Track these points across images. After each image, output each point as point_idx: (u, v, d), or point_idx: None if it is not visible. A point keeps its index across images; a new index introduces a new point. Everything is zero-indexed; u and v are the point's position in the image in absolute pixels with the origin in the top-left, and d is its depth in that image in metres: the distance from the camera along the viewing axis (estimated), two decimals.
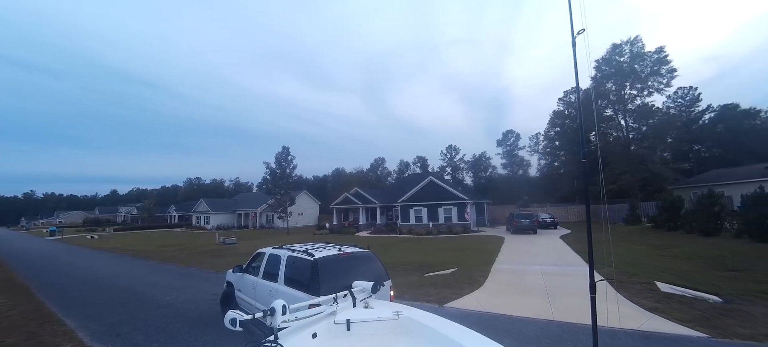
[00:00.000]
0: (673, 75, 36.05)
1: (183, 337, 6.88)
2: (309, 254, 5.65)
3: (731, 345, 5.85)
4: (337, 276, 4.95)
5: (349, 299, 2.96)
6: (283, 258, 6.17)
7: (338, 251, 5.90)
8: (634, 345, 5.93)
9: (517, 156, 69.97)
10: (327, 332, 2.51)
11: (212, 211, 55.42)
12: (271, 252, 6.72)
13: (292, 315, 2.38)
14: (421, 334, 2.52)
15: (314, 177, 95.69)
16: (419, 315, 2.75)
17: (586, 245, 15.50)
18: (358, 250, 6.31)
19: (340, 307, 2.76)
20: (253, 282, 6.82)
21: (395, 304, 3.12)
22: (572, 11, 4.17)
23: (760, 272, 10.95)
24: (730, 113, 50.48)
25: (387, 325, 2.66)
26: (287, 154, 42.42)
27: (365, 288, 3.22)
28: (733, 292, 8.91)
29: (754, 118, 50.97)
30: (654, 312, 7.51)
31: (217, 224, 53.65)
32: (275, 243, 23.46)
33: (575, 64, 4.36)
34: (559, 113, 51.77)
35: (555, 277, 11.08)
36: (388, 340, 2.56)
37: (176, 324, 7.71)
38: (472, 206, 33.85)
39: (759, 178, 25.41)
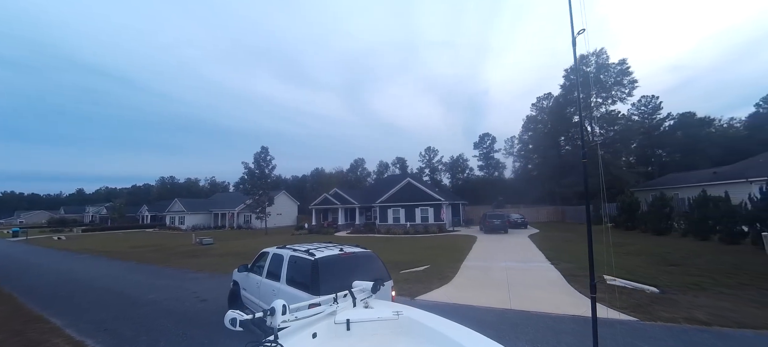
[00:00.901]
0: (634, 86, 38.68)
1: (171, 330, 7.27)
2: (310, 254, 5.70)
3: (653, 326, 6.86)
4: (338, 276, 4.95)
5: (349, 299, 2.96)
6: (285, 257, 6.23)
7: (340, 251, 5.95)
8: (575, 328, 6.83)
9: (493, 158, 72.26)
10: (327, 332, 2.51)
11: (187, 211, 54.31)
12: (275, 251, 6.78)
13: (292, 315, 2.39)
14: (421, 334, 2.51)
15: (293, 177, 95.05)
16: (419, 315, 2.75)
17: (549, 243, 17.07)
18: (359, 250, 6.34)
19: (340, 307, 2.77)
20: (258, 281, 6.90)
21: (395, 304, 3.14)
22: (572, 11, 4.17)
23: (695, 266, 12.31)
24: (687, 121, 54.28)
25: (387, 325, 2.66)
26: (266, 154, 42.31)
27: (365, 288, 3.21)
28: (668, 284, 10.11)
29: (708, 125, 55.08)
30: (598, 301, 8.49)
31: (192, 224, 52.63)
32: (253, 244, 23.76)
33: (575, 63, 4.45)
34: (532, 118, 53.92)
35: (517, 272, 12.07)
36: (388, 340, 2.56)
37: (162, 320, 8.07)
38: (448, 207, 35.00)
39: (707, 182, 27.71)
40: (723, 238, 16.02)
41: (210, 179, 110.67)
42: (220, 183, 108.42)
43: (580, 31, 4.03)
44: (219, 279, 13.21)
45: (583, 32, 4.00)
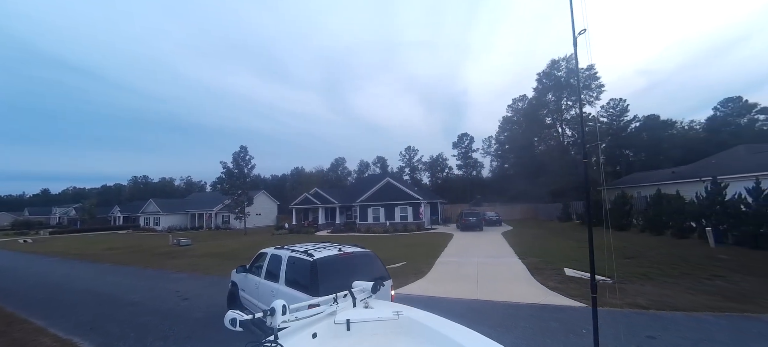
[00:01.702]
0: (601, 90, 40.95)
1: (157, 327, 7.57)
2: (309, 254, 5.70)
3: (601, 312, 7.65)
4: (337, 277, 4.94)
5: (349, 299, 2.97)
6: (284, 258, 6.23)
7: (338, 251, 5.94)
8: (532, 314, 7.61)
9: (471, 158, 74.02)
10: (327, 332, 2.51)
11: (163, 212, 53.03)
12: (273, 252, 6.77)
13: (292, 315, 2.39)
14: (421, 334, 2.52)
15: (272, 176, 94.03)
16: (419, 315, 2.76)
17: (519, 239, 18.14)
18: (358, 250, 6.33)
19: (340, 307, 2.78)
20: (256, 282, 6.90)
21: (395, 304, 3.16)
22: (573, 11, 4.20)
23: (647, 259, 13.50)
24: (652, 123, 57.51)
25: (387, 325, 2.66)
26: (245, 153, 41.97)
27: (365, 288, 3.22)
28: (621, 274, 11.12)
29: (671, 127, 58.59)
30: (555, 290, 9.40)
31: (168, 225, 51.45)
32: (233, 245, 23.82)
33: (576, 63, 4.35)
34: (508, 119, 55.76)
35: (487, 267, 12.91)
36: (388, 340, 2.56)
37: (147, 318, 8.33)
38: (427, 205, 35.90)
39: (666, 181, 29.72)
40: (674, 233, 17.49)
41: (186, 179, 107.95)
42: (196, 182, 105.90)
43: (581, 31, 4.02)
44: (200, 279, 13.39)
45: (584, 32, 4.00)
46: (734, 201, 14.79)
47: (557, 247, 17.22)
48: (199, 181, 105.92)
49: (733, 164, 28.42)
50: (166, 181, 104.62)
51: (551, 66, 42.43)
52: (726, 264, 12.03)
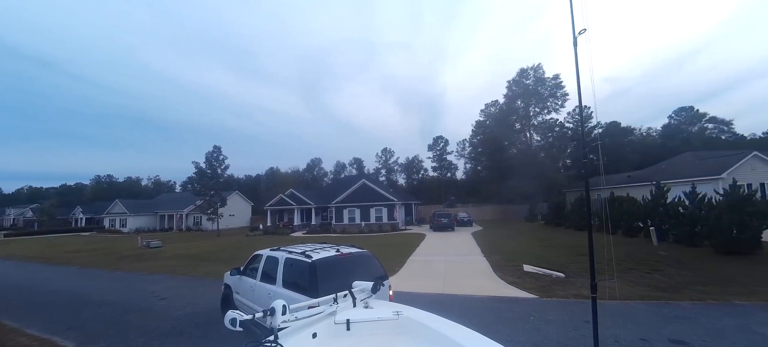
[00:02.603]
0: (565, 98, 43.34)
1: (137, 325, 7.81)
2: (307, 256, 5.65)
3: (548, 301, 8.70)
4: (336, 278, 4.89)
5: (349, 299, 2.98)
6: (280, 260, 6.18)
7: (336, 252, 5.93)
8: (491, 306, 8.45)
9: (446, 160, 75.73)
10: (327, 332, 2.51)
11: (130, 213, 51.09)
12: (269, 254, 6.70)
13: (292, 315, 2.39)
14: (421, 334, 2.52)
15: (246, 176, 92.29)
16: (419, 315, 2.77)
17: (487, 239, 19.30)
18: (356, 250, 6.33)
19: (340, 307, 2.78)
20: (251, 284, 6.81)
21: (395, 304, 3.15)
22: (573, 11, 4.21)
23: (599, 256, 14.78)
24: (613, 129, 61.24)
25: (387, 325, 2.67)
26: (219, 153, 41.22)
27: (365, 288, 3.22)
28: (573, 270, 12.27)
29: (630, 134, 62.67)
30: (512, 284, 10.34)
31: (136, 227, 49.66)
32: (206, 246, 23.65)
33: (576, 63, 4.31)
34: (481, 123, 57.63)
35: (454, 264, 13.79)
36: (388, 340, 2.56)
37: (126, 316, 8.53)
38: (401, 207, 36.77)
39: (623, 184, 32.06)
40: (625, 232, 19.14)
41: (154, 178, 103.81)
42: (165, 182, 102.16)
43: (581, 30, 4.03)
44: (176, 280, 13.49)
45: (584, 32, 4.01)
46: (674, 203, 16.47)
47: (520, 246, 18.41)
48: (169, 181, 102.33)
49: (679, 169, 31.10)
50: (132, 181, 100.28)
51: (520, 74, 44.62)
52: (665, 260, 13.46)
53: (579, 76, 4.32)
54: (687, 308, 7.91)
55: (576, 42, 4.15)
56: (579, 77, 4.32)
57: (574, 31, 4.10)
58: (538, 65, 43.81)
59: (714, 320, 7.02)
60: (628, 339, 6.12)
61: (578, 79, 4.17)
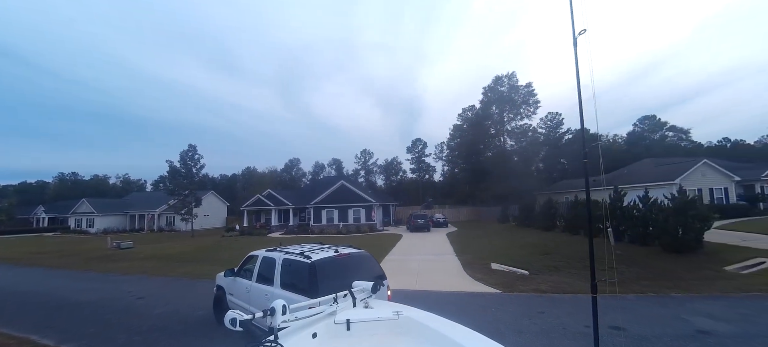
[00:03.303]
0: (537, 106, 45.60)
1: (117, 323, 7.97)
2: (306, 256, 5.62)
3: (509, 295, 9.50)
4: (335, 278, 4.89)
5: (349, 299, 2.99)
6: (278, 261, 6.12)
7: (335, 252, 5.91)
8: (459, 300, 9.16)
9: (424, 162, 77.18)
10: (327, 332, 2.52)
11: (98, 213, 49.14)
12: (265, 254, 6.64)
13: (292, 315, 2.40)
14: (421, 334, 2.53)
15: (221, 176, 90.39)
16: (419, 315, 2.77)
17: (460, 239, 20.23)
18: (354, 251, 6.32)
19: (340, 307, 2.79)
20: (247, 285, 6.73)
21: (395, 304, 3.16)
22: (573, 11, 4.20)
23: (561, 255, 15.87)
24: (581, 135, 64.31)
25: (387, 325, 2.67)
26: (194, 152, 40.50)
27: (365, 288, 3.23)
28: (537, 268, 13.19)
29: (596, 140, 65.84)
30: (480, 281, 11.11)
31: (104, 227, 47.85)
32: (181, 247, 23.38)
33: (576, 63, 4.26)
34: (458, 127, 59.09)
35: (428, 263, 14.50)
36: (388, 340, 2.57)
37: (105, 315, 8.65)
38: (379, 208, 37.36)
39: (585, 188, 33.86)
40: (586, 233, 20.43)
41: (123, 176, 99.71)
42: (135, 181, 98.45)
43: (581, 31, 4.03)
44: (152, 280, 13.52)
45: (584, 32, 4.00)
46: (629, 206, 17.83)
47: (490, 246, 19.37)
48: (139, 180, 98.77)
49: (639, 175, 33.29)
50: (99, 179, 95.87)
51: (495, 81, 46.41)
52: (618, 258, 14.62)
53: (579, 76, 4.27)
54: (630, 300, 8.87)
55: (576, 42, 4.17)
56: (579, 77, 4.27)
57: (574, 31, 4.12)
58: (513, 73, 45.82)
59: (650, 310, 7.97)
60: (575, 326, 6.93)
61: (578, 79, 4.18)
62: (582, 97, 4.43)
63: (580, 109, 4.57)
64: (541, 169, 56.41)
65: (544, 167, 59.69)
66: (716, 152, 60.34)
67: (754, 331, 6.43)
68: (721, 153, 60.10)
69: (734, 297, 8.69)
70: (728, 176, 29.67)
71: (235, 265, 7.79)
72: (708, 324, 6.84)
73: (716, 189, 29.51)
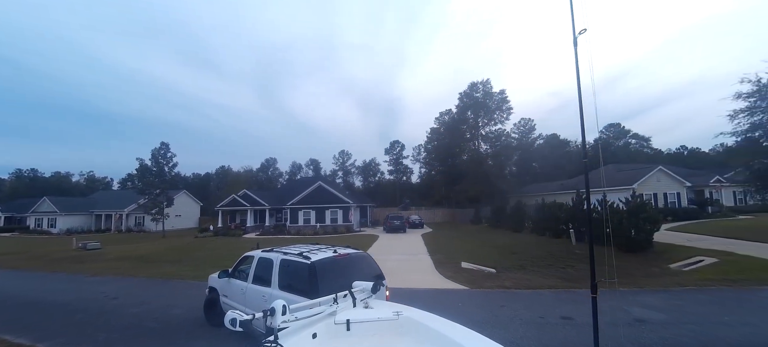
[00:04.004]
0: (510, 112, 47.60)
1: (92, 323, 7.99)
2: (305, 257, 5.58)
3: (475, 291, 10.19)
4: (335, 279, 4.83)
5: (349, 299, 2.98)
6: (275, 261, 6.05)
7: (334, 253, 5.89)
8: (428, 296, 9.73)
9: (402, 164, 78.12)
10: (327, 332, 2.52)
11: (60, 212, 46.78)
12: (261, 255, 6.56)
13: (292, 316, 2.40)
14: (421, 334, 2.53)
15: (194, 174, 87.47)
16: (419, 315, 2.79)
17: (434, 240, 21.05)
18: (353, 251, 6.32)
19: (340, 307, 2.79)
20: (243, 287, 6.62)
21: (395, 304, 3.17)
22: (573, 11, 4.19)
23: (527, 254, 16.87)
24: (553, 140, 67.30)
25: (387, 325, 2.68)
26: (167, 150, 39.46)
27: (365, 288, 3.23)
28: (504, 266, 14.04)
29: (566, 146, 69.09)
30: (450, 279, 11.77)
31: (67, 227, 45.64)
32: (153, 248, 22.94)
33: (576, 63, 4.21)
34: (435, 130, 60.29)
35: (402, 262, 15.08)
36: (388, 340, 2.58)
37: (78, 315, 8.64)
38: (356, 209, 37.74)
39: (556, 191, 35.75)
40: (552, 234, 21.72)
41: (87, 174, 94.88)
42: (100, 179, 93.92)
43: (581, 30, 4.02)
44: (125, 280, 13.38)
45: (584, 32, 3.99)
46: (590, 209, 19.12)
47: (462, 246, 20.22)
48: (105, 177, 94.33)
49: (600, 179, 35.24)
50: (61, 176, 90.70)
51: (471, 88, 47.95)
52: (578, 257, 15.74)
53: (579, 76, 4.21)
54: (582, 293, 9.72)
55: (576, 42, 4.17)
56: (579, 77, 4.22)
57: (574, 31, 4.13)
58: (487, 80, 47.41)
59: (598, 302, 8.82)
60: (530, 317, 7.65)
61: (578, 79, 4.16)
62: (581, 98, 4.44)
63: (580, 109, 4.55)
64: (514, 173, 58.65)
65: (517, 170, 62.08)
66: (674, 159, 64.62)
67: (683, 319, 7.35)
68: (678, 160, 64.38)
69: (672, 291, 9.74)
70: (680, 182, 32.07)
71: (210, 266, 8.04)
72: (644, 313, 7.74)
73: (670, 194, 31.84)
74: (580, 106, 4.40)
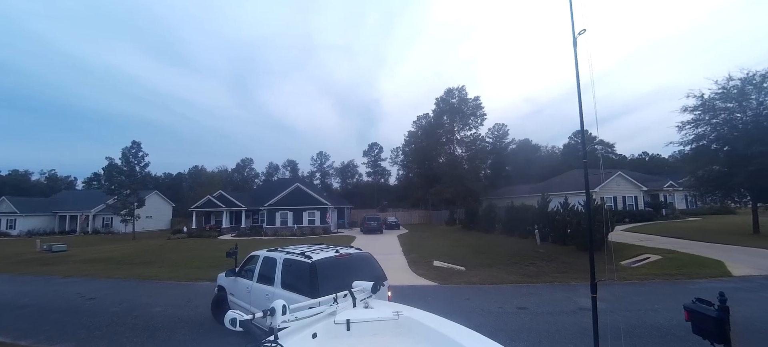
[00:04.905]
0: (484, 117, 49.49)
1: (70, 322, 8.15)
2: (306, 256, 5.70)
3: (444, 287, 11.00)
4: (336, 278, 4.88)
5: (349, 299, 3.01)
6: (278, 261, 6.20)
7: (336, 253, 5.99)
8: (401, 292, 10.38)
9: (380, 166, 79.00)
10: (327, 332, 2.53)
11: (20, 213, 44.37)
12: (266, 254, 6.74)
13: (292, 316, 2.41)
14: (422, 334, 2.54)
15: (166, 174, 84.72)
16: (419, 315, 2.79)
17: (410, 241, 22.02)
18: (355, 251, 6.45)
19: (340, 307, 2.80)
20: (248, 286, 6.82)
21: (395, 304, 3.19)
22: (573, 12, 4.21)
23: (495, 253, 17.91)
24: (525, 145, 70.09)
25: (387, 325, 2.69)
26: (138, 149, 38.40)
27: (365, 288, 3.25)
28: (473, 264, 14.94)
29: (537, 150, 72.14)
30: (421, 276, 12.55)
31: (27, 229, 43.41)
32: (123, 250, 22.55)
33: (576, 63, 4.24)
34: (413, 133, 61.47)
35: (378, 261, 15.67)
36: (388, 340, 2.58)
37: (55, 315, 8.74)
38: (334, 210, 38.12)
39: (527, 194, 37.49)
40: (519, 234, 23.01)
41: (48, 173, 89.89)
42: (63, 178, 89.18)
43: (581, 31, 4.03)
44: (99, 282, 13.33)
45: (584, 32, 4.00)
46: (553, 211, 20.51)
47: (435, 246, 21.14)
48: (68, 176, 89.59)
49: (568, 183, 37.33)
50: (19, 175, 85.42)
51: (447, 93, 49.59)
52: (541, 255, 16.91)
53: (579, 76, 4.22)
54: (539, 287, 10.75)
55: (576, 42, 4.19)
56: (579, 77, 4.22)
57: (574, 31, 4.15)
58: (462, 87, 49.25)
59: (552, 295, 9.83)
60: (490, 308, 8.50)
61: (578, 79, 4.19)
62: (581, 99, 4.42)
63: (580, 109, 4.52)
64: (488, 176, 60.74)
65: (492, 174, 64.32)
66: (635, 165, 68.63)
67: (620, 307, 8.37)
68: (639, 166, 68.43)
69: (617, 284, 10.87)
70: (638, 186, 34.53)
71: (188, 267, 8.40)
72: (588, 303, 8.71)
73: (628, 197, 34.21)
74: (580, 107, 4.41)
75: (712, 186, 21.53)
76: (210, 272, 14.26)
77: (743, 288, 9.85)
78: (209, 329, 7.31)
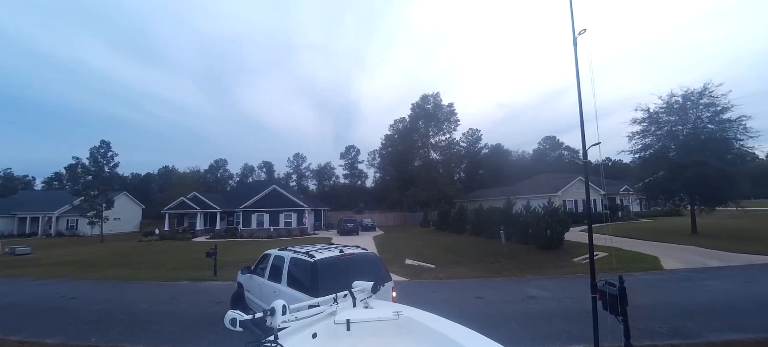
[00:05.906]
0: (457, 123, 51.61)
1: (53, 320, 8.48)
2: (310, 256, 5.86)
3: (413, 282, 12.04)
4: (338, 277, 4.95)
5: (349, 299, 3.01)
6: (286, 259, 6.43)
7: (340, 252, 6.08)
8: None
9: (357, 168, 79.68)
10: (327, 332, 2.54)
11: None
12: (277, 253, 7.03)
13: (292, 315, 2.42)
14: (422, 334, 2.55)
15: (134, 174, 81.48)
16: (419, 315, 2.79)
17: (384, 241, 23.24)
18: (359, 251, 6.50)
19: (340, 307, 2.81)
20: (260, 283, 7.18)
21: (395, 304, 3.20)
22: (573, 12, 4.21)
23: (463, 252, 19.18)
24: (497, 150, 72.83)
25: (387, 325, 2.70)
26: (108, 149, 37.37)
27: (365, 288, 3.26)
28: (442, 262, 16.08)
29: (508, 155, 75.12)
30: (393, 273, 13.32)
31: None
32: (89, 252, 22.33)
33: (576, 63, 4.23)
34: (390, 137, 62.67)
35: None
36: (388, 340, 2.59)
37: (37, 314, 9.04)
38: (311, 212, 38.56)
39: (497, 197, 39.36)
40: (486, 235, 24.52)
41: (3, 171, 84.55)
42: (20, 177, 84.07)
43: (581, 31, 4.05)
44: (75, 283, 13.43)
45: (584, 32, 4.02)
46: (517, 213, 22.08)
47: (408, 246, 22.24)
48: (26, 176, 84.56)
49: (535, 187, 39.59)
50: None
51: (422, 99, 51.26)
52: (505, 253, 18.31)
53: (579, 76, 4.22)
54: (497, 281, 11.98)
55: (576, 42, 4.20)
56: (579, 77, 4.22)
57: (574, 31, 4.16)
58: (437, 93, 51.21)
59: (507, 286, 11.06)
60: (452, 298, 9.59)
61: (578, 79, 4.19)
62: (581, 99, 4.52)
63: (580, 109, 4.57)
64: (462, 179, 62.93)
65: (465, 177, 66.59)
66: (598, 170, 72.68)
67: (563, 296, 9.67)
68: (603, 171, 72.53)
69: (565, 277, 12.28)
70: (597, 190, 37.07)
71: (164, 268, 8.85)
72: (537, 293, 10.00)
73: None
74: (580, 107, 4.52)
75: (657, 191, 23.82)
76: (189, 272, 14.67)
77: (668, 279, 11.45)
78: (198, 322, 7.93)
